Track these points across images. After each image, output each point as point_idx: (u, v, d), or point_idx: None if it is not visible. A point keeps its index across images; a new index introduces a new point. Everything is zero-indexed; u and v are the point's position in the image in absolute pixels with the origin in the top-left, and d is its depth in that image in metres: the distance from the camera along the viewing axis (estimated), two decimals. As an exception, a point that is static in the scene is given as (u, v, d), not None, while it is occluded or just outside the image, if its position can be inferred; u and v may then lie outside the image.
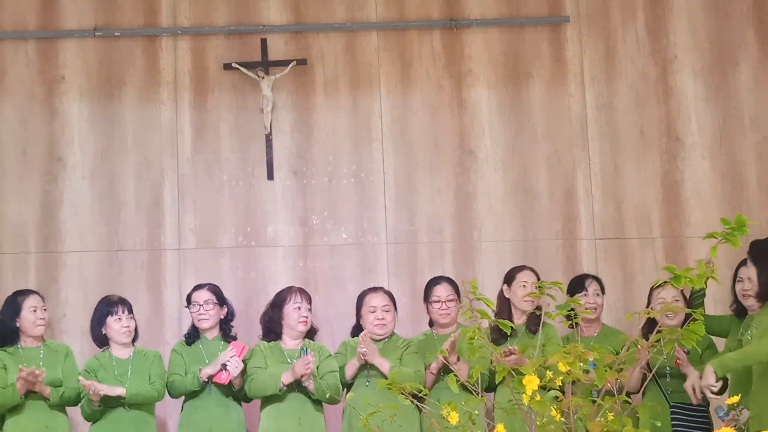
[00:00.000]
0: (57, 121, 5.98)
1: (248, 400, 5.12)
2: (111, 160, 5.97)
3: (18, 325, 4.92)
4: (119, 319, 4.97)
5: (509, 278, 5.16)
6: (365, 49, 6.11)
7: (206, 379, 4.97)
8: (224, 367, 4.93)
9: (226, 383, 4.98)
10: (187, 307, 5.23)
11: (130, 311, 5.05)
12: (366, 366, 5.00)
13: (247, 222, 5.97)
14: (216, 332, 5.22)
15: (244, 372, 4.99)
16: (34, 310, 4.94)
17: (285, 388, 4.90)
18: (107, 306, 5.00)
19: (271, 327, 5.08)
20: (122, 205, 5.95)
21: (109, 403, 4.84)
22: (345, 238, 5.99)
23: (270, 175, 5.97)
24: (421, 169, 6.05)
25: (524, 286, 5.07)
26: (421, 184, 6.04)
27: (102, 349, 5.08)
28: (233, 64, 5.96)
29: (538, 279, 5.12)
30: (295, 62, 5.96)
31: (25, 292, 5.03)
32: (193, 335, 5.20)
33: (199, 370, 4.98)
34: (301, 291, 5.17)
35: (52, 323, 5.42)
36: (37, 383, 4.73)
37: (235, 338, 5.21)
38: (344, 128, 6.04)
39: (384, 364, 4.95)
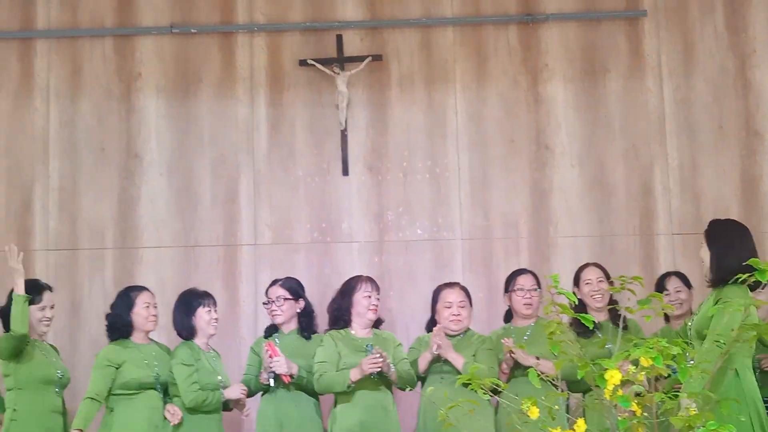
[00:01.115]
0: (134, 117, 6.27)
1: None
2: (187, 157, 6.25)
3: (131, 319, 5.18)
4: (210, 311, 5.21)
5: (576, 279, 5.35)
6: (441, 44, 6.32)
7: (267, 383, 5.21)
8: (273, 374, 5.14)
9: (288, 381, 5.20)
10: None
11: (215, 304, 5.29)
12: (439, 361, 5.16)
13: (323, 218, 6.21)
14: (293, 326, 5.42)
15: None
16: (147, 306, 5.19)
17: (353, 385, 5.08)
18: (198, 297, 5.23)
19: (340, 315, 5.24)
20: (198, 201, 6.22)
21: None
22: (420, 233, 6.21)
23: (345, 171, 6.20)
24: (497, 165, 6.25)
25: (588, 283, 5.26)
26: (496, 179, 6.23)
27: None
28: (309, 61, 6.19)
29: (605, 273, 5.31)
30: (370, 58, 6.17)
31: (138, 288, 5.28)
32: (271, 330, 5.43)
33: (260, 373, 5.20)
34: (370, 280, 5.34)
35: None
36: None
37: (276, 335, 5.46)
38: (419, 124, 6.25)
39: (457, 360, 5.12)
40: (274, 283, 5.46)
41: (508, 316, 5.45)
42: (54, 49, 6.28)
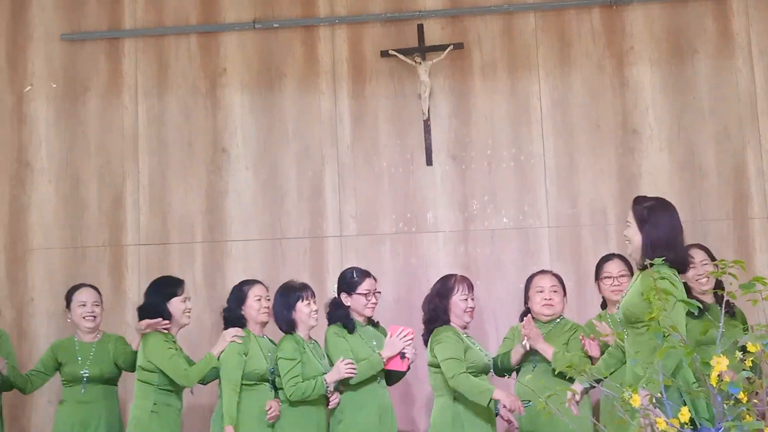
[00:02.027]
0: (220, 113, 6.37)
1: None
2: (273, 151, 6.32)
3: (243, 312, 5.28)
4: (309, 303, 5.28)
5: None
6: (522, 30, 6.28)
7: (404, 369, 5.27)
8: (403, 355, 5.16)
9: (404, 369, 5.24)
10: (350, 294, 5.41)
11: (314, 296, 5.35)
12: (532, 350, 5.15)
13: (407, 208, 6.21)
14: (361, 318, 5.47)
15: None
16: (259, 299, 5.30)
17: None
18: (296, 291, 5.31)
19: (437, 315, 5.20)
20: (284, 194, 6.30)
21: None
22: (506, 222, 6.17)
23: (429, 161, 6.20)
24: (583, 151, 6.19)
25: (693, 266, 5.09)
26: (582, 165, 6.18)
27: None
28: (390, 51, 6.22)
29: (710, 255, 5.17)
30: (452, 47, 6.18)
31: (250, 282, 5.38)
32: (353, 322, 5.40)
33: (378, 354, 5.21)
34: (465, 280, 5.28)
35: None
36: None
37: (377, 324, 5.46)
38: (503, 111, 6.23)
39: (547, 351, 5.10)
40: (365, 275, 5.40)
41: (605, 303, 5.34)
42: (141, 48, 6.42)
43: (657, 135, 6.15)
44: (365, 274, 5.43)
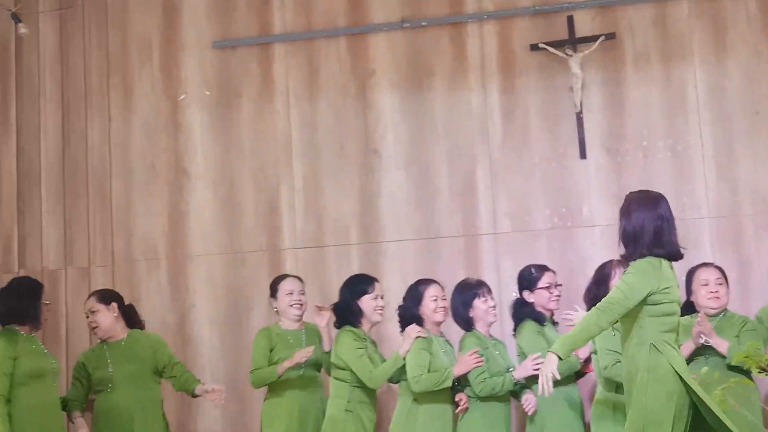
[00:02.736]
0: (370, 114, 6.46)
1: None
2: (424, 150, 6.39)
3: (420, 312, 5.39)
4: (486, 300, 5.37)
5: None
6: (676, 18, 6.21)
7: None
8: None
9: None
10: (531, 291, 5.47)
11: (490, 292, 5.42)
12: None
13: (562, 203, 6.21)
14: None
15: None
16: (435, 299, 5.41)
17: None
18: (473, 288, 5.40)
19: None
20: (436, 192, 6.35)
21: None
22: (664, 214, 6.05)
23: (582, 154, 6.19)
24: (742, 138, 6.11)
25: None
26: (742, 153, 6.10)
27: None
28: (540, 45, 6.20)
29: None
30: (603, 37, 6.16)
31: (426, 282, 5.51)
32: (544, 315, 5.47)
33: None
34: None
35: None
36: None
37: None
38: (657, 101, 6.18)
39: (721, 345, 5.09)
40: (543, 269, 5.54)
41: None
42: (291, 53, 6.55)
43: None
44: (543, 268, 5.53)
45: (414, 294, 5.42)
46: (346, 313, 5.37)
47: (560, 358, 4.12)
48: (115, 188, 6.64)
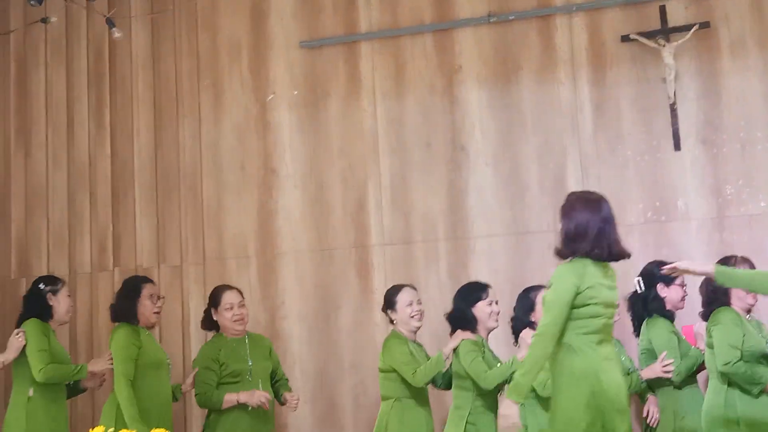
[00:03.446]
0: (457, 110, 6.46)
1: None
2: (512, 145, 6.35)
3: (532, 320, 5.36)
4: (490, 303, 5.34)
5: None
6: (774, 3, 5.99)
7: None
8: None
9: None
10: (668, 285, 5.34)
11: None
12: None
13: (656, 196, 6.09)
14: None
15: None
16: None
17: None
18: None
19: (716, 296, 5.06)
20: (526, 188, 6.33)
21: None
22: (764, 207, 5.96)
23: (677, 146, 6.07)
24: None
25: None
26: None
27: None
28: (631, 36, 6.10)
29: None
30: (697, 26, 6.05)
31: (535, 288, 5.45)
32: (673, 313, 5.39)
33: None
34: (747, 262, 5.12)
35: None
36: None
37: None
38: (755, 90, 6.04)
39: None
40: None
41: None
42: (377, 50, 6.58)
43: None
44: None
45: (525, 302, 5.38)
46: (462, 321, 5.33)
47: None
48: (206, 188, 6.77)
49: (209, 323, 5.67)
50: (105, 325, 6.73)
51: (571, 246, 4.26)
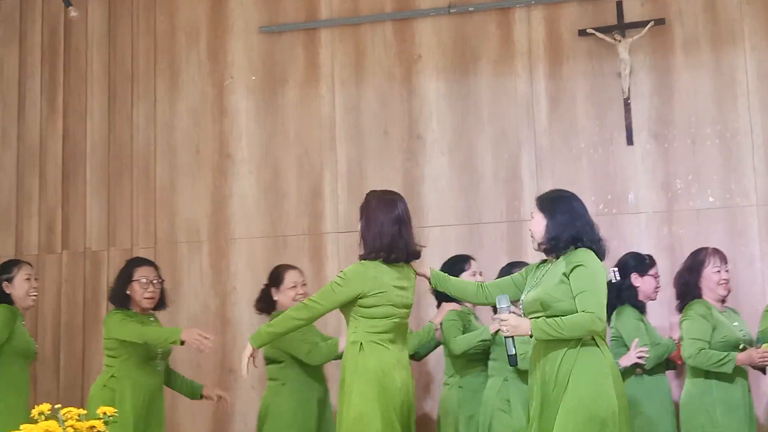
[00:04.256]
0: (415, 99, 6.60)
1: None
2: (468, 135, 6.50)
3: None
4: (473, 274, 5.53)
5: None
6: (726, 3, 6.29)
7: None
8: None
9: None
10: (641, 275, 5.50)
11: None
12: None
13: (607, 189, 6.25)
14: None
15: None
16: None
17: None
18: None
19: (688, 290, 5.27)
20: (481, 178, 6.43)
21: None
22: (711, 201, 6.13)
23: (629, 140, 6.24)
24: (793, 126, 6.07)
25: None
26: (793, 141, 6.06)
27: None
28: (588, 30, 6.29)
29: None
30: (652, 23, 6.26)
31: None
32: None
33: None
34: (718, 252, 5.36)
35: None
36: None
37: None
38: (706, 88, 6.24)
39: None
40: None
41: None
42: (337, 38, 6.68)
43: None
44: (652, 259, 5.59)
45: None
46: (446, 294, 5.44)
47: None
48: (159, 171, 6.79)
49: (266, 304, 5.61)
50: (51, 307, 6.71)
51: (369, 246, 4.44)
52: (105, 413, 3.20)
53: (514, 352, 4.17)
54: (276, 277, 5.64)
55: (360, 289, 4.34)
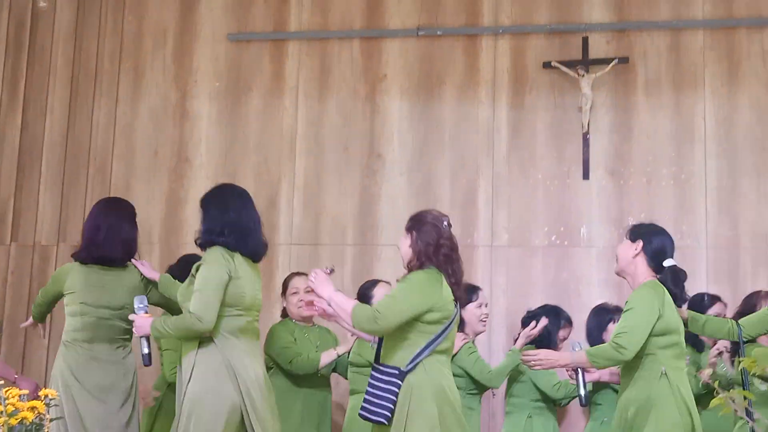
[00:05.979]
0: (378, 118, 6.75)
1: None
2: (428, 158, 6.65)
3: None
4: (479, 306, 5.60)
5: None
6: (690, 47, 6.50)
7: None
8: None
9: None
10: None
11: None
12: None
13: (561, 221, 6.44)
14: None
15: None
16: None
17: None
18: (609, 313, 5.66)
19: None
20: (437, 201, 6.61)
21: None
22: (663, 241, 6.25)
23: (586, 175, 6.45)
24: (747, 174, 6.39)
25: None
26: (746, 188, 6.37)
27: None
28: (553, 63, 6.49)
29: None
30: (616, 60, 6.47)
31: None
32: None
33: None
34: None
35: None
36: None
37: None
38: (666, 129, 6.46)
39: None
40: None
41: None
42: (304, 50, 6.85)
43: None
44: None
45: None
46: None
47: None
48: (116, 171, 6.91)
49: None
50: (-2, 298, 6.80)
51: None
52: (47, 396, 3.25)
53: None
54: (283, 285, 5.78)
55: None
